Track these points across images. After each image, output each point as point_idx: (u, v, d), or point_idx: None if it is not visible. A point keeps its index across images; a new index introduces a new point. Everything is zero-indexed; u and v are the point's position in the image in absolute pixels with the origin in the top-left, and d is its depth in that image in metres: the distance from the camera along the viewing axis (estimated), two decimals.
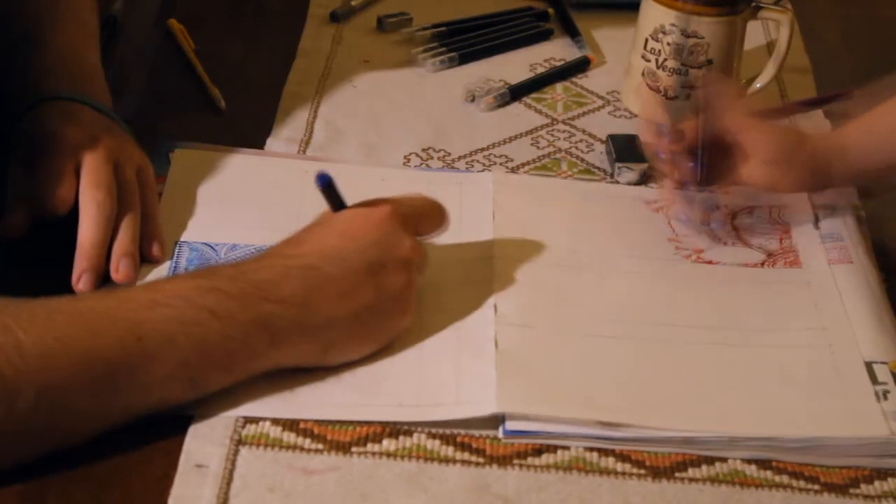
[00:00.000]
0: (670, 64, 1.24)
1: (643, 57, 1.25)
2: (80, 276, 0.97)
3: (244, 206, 1.09)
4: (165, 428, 0.88)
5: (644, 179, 1.18)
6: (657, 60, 1.24)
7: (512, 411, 0.91)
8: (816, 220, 1.12)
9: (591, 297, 1.02)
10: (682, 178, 1.10)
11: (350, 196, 0.98)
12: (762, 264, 1.08)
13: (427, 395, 0.92)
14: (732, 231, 1.11)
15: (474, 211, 1.10)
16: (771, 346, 0.99)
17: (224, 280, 0.90)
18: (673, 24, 1.22)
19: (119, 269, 0.99)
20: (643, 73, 1.25)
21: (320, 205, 1.00)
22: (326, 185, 0.96)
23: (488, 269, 1.03)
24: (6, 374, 0.80)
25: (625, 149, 1.19)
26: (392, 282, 0.94)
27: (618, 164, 1.18)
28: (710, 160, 1.08)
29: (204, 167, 1.13)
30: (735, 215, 1.13)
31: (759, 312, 1.02)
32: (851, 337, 0.99)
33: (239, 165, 1.14)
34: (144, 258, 1.01)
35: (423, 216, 0.99)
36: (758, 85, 1.27)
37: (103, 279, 0.98)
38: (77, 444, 0.85)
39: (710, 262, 1.08)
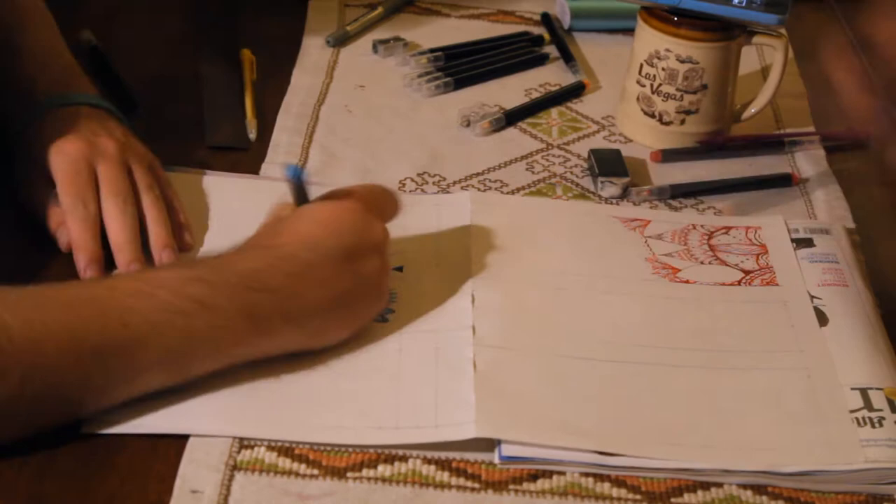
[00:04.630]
0: (665, 89, 1.24)
1: (638, 82, 1.25)
2: (129, 266, 1.00)
3: (226, 229, 1.09)
4: (160, 453, 0.88)
5: (627, 193, 1.18)
6: (652, 85, 1.24)
7: (490, 436, 0.90)
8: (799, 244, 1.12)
9: (570, 318, 1.02)
10: None
11: None
12: (739, 282, 1.08)
13: (406, 418, 0.92)
14: (709, 250, 1.11)
15: (452, 231, 1.10)
16: (749, 369, 0.99)
17: (208, 270, 0.92)
18: (668, 50, 1.22)
19: (163, 260, 1.02)
20: (638, 98, 1.26)
21: None
22: (297, 179, 0.98)
23: (466, 289, 1.03)
24: None
25: (607, 163, 1.20)
26: (368, 266, 0.96)
27: (600, 179, 1.18)
28: None
29: (188, 191, 1.12)
30: (712, 235, 1.13)
31: (737, 333, 1.02)
32: (828, 360, 0.99)
33: (222, 189, 1.14)
34: (179, 247, 1.04)
35: (382, 203, 1.02)
36: (752, 110, 1.27)
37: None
38: (56, 426, 0.86)
39: (687, 282, 1.07)
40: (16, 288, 0.87)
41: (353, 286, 0.95)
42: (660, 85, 1.24)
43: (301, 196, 0.99)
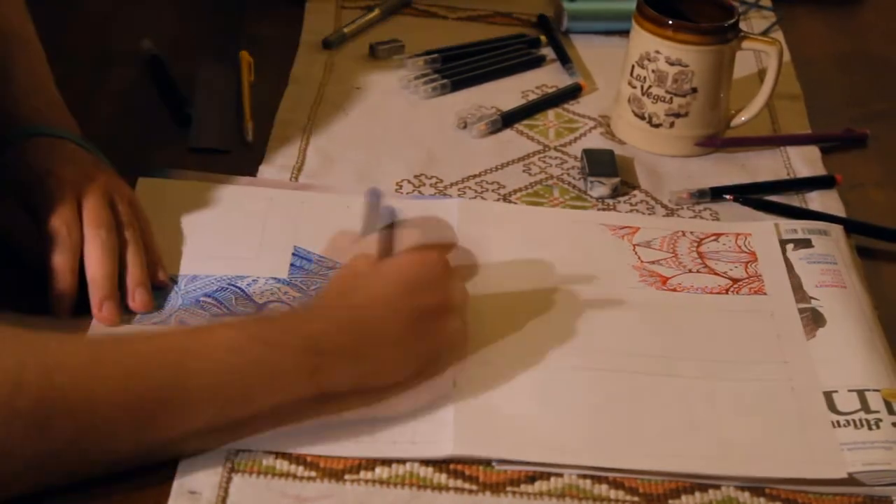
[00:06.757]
0: (655, 91, 1.24)
1: (629, 83, 1.25)
2: (102, 304, 0.98)
3: (204, 235, 1.09)
4: None
5: (616, 194, 1.18)
6: (642, 87, 1.24)
7: (468, 454, 0.90)
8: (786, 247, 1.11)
9: (552, 328, 1.01)
10: None
11: (316, 224, 1.02)
12: (727, 291, 1.07)
13: (383, 431, 0.91)
14: (697, 257, 1.11)
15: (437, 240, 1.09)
16: (733, 380, 0.98)
17: (274, 331, 0.89)
18: (657, 52, 1.22)
19: (136, 298, 1.00)
20: (629, 100, 1.26)
21: (282, 234, 1.06)
22: (375, 200, 0.97)
23: None
24: (40, 414, 0.80)
25: (598, 163, 1.21)
26: (447, 327, 0.94)
27: (590, 178, 1.19)
28: None
29: (166, 197, 1.12)
30: (701, 242, 1.13)
31: (722, 343, 1.02)
32: (812, 371, 0.99)
33: (200, 194, 1.13)
34: (153, 284, 1.02)
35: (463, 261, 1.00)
36: (743, 118, 1.27)
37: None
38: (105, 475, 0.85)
39: (674, 290, 1.07)
40: (69, 339, 0.86)
41: (428, 347, 0.93)
42: (650, 87, 1.24)
43: (373, 221, 0.96)
